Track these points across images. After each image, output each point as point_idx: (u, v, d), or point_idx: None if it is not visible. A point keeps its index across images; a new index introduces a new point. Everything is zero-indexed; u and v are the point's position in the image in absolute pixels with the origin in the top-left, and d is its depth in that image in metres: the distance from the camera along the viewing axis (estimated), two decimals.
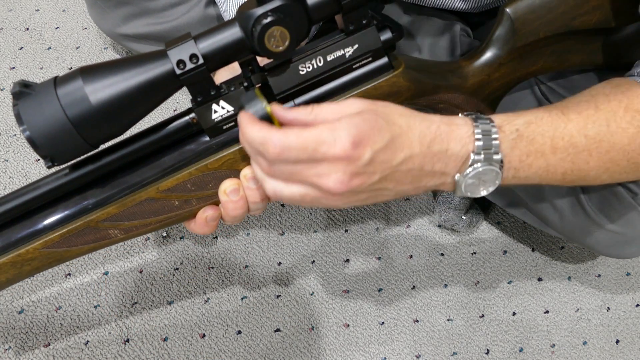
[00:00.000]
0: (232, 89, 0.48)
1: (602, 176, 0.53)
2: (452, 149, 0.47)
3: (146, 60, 0.45)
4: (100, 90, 0.44)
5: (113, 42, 1.01)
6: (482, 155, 0.47)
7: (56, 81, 0.44)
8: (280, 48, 0.45)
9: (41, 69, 0.98)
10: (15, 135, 0.92)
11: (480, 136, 0.47)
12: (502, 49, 0.56)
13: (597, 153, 0.50)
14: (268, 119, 0.44)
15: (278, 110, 0.44)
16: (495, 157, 0.48)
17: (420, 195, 0.92)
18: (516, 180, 0.51)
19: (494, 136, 0.48)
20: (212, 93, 0.47)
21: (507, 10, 0.55)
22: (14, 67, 0.98)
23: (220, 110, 0.49)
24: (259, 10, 0.44)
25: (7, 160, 0.90)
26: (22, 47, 1.00)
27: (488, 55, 0.56)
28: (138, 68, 0.45)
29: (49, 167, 0.48)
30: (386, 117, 0.45)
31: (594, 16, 0.56)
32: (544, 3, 0.55)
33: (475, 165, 0.48)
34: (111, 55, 1.00)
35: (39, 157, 0.90)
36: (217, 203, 0.53)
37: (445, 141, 0.47)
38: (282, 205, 0.90)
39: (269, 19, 0.44)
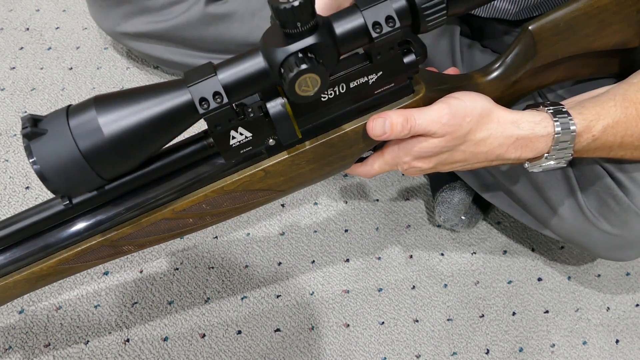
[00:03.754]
0: (251, 114, 0.46)
1: None
2: (525, 156, 0.54)
3: (164, 91, 0.43)
4: (115, 122, 0.42)
5: (113, 41, 1.01)
6: (555, 156, 0.54)
7: (69, 111, 0.43)
8: (309, 93, 0.43)
9: (41, 69, 0.98)
10: (15, 135, 0.92)
11: (557, 146, 0.53)
12: (519, 68, 0.55)
13: None
14: (286, 114, 0.47)
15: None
16: (566, 155, 0.54)
17: (420, 195, 0.92)
18: (573, 157, 0.56)
19: (569, 145, 0.53)
20: (231, 121, 0.45)
21: (531, 29, 0.54)
22: (14, 67, 0.98)
23: (239, 136, 0.47)
24: (290, 49, 0.42)
25: (7, 160, 0.90)
26: (22, 47, 1.00)
27: (504, 72, 0.55)
28: (155, 99, 0.43)
29: (65, 205, 0.48)
30: (469, 135, 0.51)
31: (614, 38, 0.56)
32: (568, 25, 0.54)
33: (546, 164, 0.54)
34: (111, 55, 1.00)
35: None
36: (230, 217, 0.54)
37: (518, 151, 0.53)
38: (282, 205, 0.90)
39: (302, 67, 0.41)
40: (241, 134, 0.47)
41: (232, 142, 0.47)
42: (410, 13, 0.44)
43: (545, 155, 0.53)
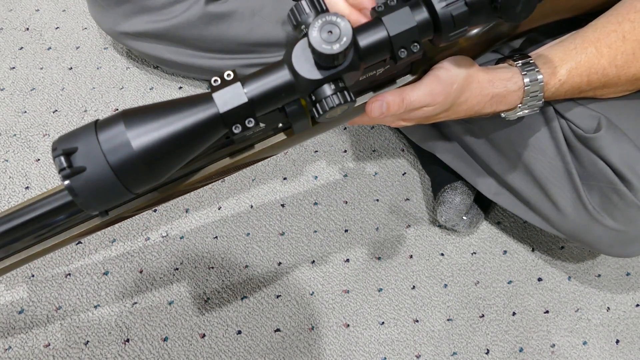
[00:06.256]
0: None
1: (629, 88, 0.63)
2: (500, 109, 0.60)
3: (192, 105, 0.43)
4: (143, 136, 0.42)
5: (113, 41, 1.01)
6: (527, 105, 0.59)
7: (97, 128, 0.42)
8: (335, 115, 0.45)
9: (41, 69, 0.98)
10: (15, 135, 0.92)
11: (528, 97, 0.58)
12: (500, 32, 0.59)
13: (625, 76, 0.60)
14: (303, 113, 0.47)
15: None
16: (538, 103, 0.59)
17: (420, 195, 0.92)
18: (546, 99, 0.61)
19: (539, 94, 0.59)
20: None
21: None
22: (14, 67, 0.98)
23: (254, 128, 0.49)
24: (323, 80, 0.43)
25: (7, 160, 0.90)
26: (22, 47, 1.00)
27: (483, 35, 0.58)
28: (183, 113, 0.43)
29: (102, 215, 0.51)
30: (455, 99, 0.55)
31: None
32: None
33: (520, 112, 0.60)
34: (111, 55, 1.00)
35: (38, 158, 0.90)
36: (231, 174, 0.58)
37: (494, 106, 0.59)
38: (282, 205, 0.90)
39: (336, 103, 0.43)
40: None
41: (247, 133, 0.49)
42: (433, 32, 0.46)
43: (519, 105, 0.59)
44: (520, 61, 0.59)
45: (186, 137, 0.43)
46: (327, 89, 0.43)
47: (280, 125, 0.52)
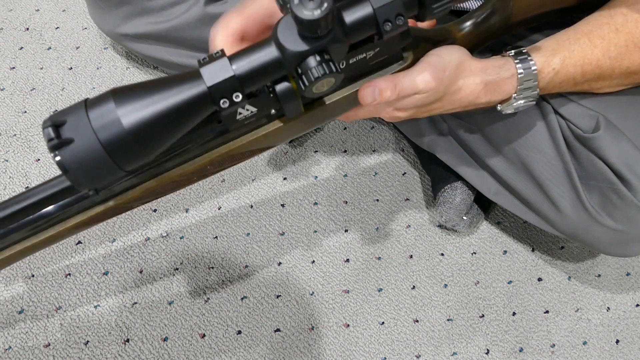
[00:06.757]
0: (260, 93, 0.49)
1: (624, 82, 0.63)
2: (495, 99, 0.59)
3: (181, 82, 0.44)
4: (133, 113, 0.42)
5: (113, 42, 1.01)
6: (522, 96, 0.59)
7: (87, 106, 0.43)
8: (323, 90, 0.45)
9: (41, 69, 0.98)
10: (15, 135, 0.92)
11: (522, 85, 0.58)
12: (493, 25, 0.59)
13: (619, 69, 0.60)
14: (294, 95, 0.47)
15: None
16: (533, 93, 0.59)
17: (420, 195, 0.92)
18: (541, 93, 0.61)
19: (533, 83, 0.58)
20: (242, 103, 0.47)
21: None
22: (14, 67, 0.98)
23: (245, 111, 0.49)
24: (308, 52, 0.43)
25: (7, 160, 0.90)
26: (22, 47, 1.00)
27: (477, 28, 0.59)
28: (172, 90, 0.43)
29: (92, 194, 0.51)
30: (448, 87, 0.55)
31: None
32: None
33: (516, 103, 0.60)
34: (111, 55, 1.00)
35: (38, 158, 0.90)
36: (227, 169, 0.58)
37: (488, 95, 0.58)
38: (282, 205, 0.90)
39: (321, 73, 0.43)
40: (247, 109, 0.49)
41: (238, 117, 0.49)
42: (418, 7, 0.46)
43: (514, 95, 0.59)
44: (512, 50, 0.59)
45: (175, 111, 0.43)
46: (312, 60, 0.43)
47: (273, 111, 0.52)
